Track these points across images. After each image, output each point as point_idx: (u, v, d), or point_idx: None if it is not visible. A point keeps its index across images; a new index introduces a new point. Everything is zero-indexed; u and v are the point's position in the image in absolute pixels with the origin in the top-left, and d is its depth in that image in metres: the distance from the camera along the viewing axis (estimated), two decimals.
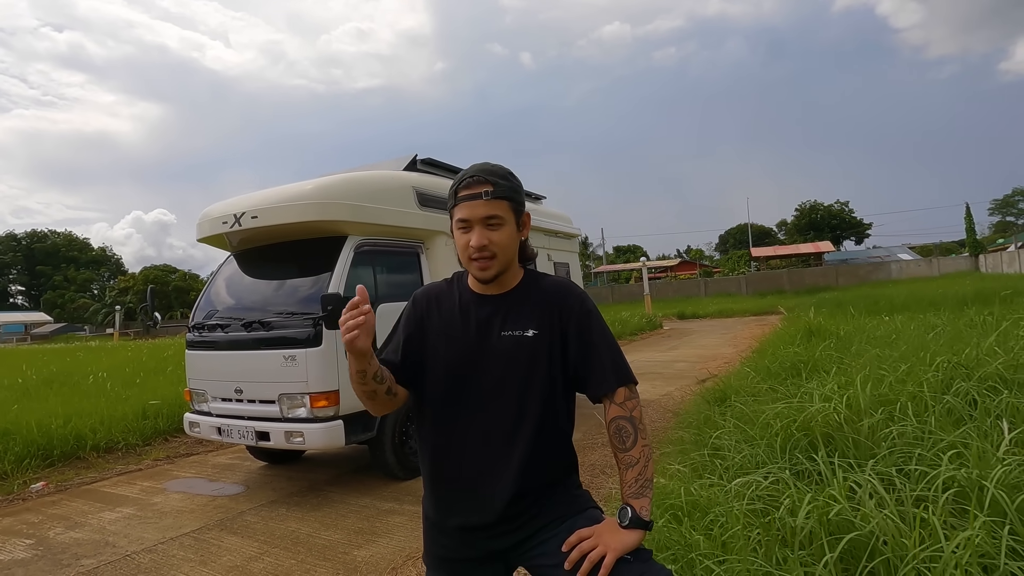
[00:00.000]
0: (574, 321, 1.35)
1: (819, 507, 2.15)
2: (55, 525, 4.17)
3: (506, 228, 1.31)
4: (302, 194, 4.45)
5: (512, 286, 1.38)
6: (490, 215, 1.29)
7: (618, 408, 1.31)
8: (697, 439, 4.03)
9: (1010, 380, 3.43)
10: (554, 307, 1.35)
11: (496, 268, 1.32)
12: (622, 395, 1.32)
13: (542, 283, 1.40)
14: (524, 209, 1.37)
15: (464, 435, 1.33)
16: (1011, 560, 1.72)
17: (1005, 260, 30.86)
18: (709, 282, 37.23)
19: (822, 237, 50.05)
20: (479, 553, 1.33)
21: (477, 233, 1.29)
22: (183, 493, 4.77)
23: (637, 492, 1.26)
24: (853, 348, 5.96)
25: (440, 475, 1.36)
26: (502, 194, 1.30)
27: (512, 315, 1.35)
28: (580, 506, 1.34)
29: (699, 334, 15.88)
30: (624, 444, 1.29)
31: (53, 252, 67.04)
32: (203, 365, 4.77)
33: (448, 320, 1.38)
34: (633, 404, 1.32)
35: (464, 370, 1.34)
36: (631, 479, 1.27)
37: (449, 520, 1.34)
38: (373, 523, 3.79)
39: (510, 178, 1.34)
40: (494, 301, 1.37)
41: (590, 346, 1.34)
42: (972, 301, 9.79)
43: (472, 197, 1.29)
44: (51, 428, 5.94)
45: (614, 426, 1.31)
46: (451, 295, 1.41)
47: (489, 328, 1.34)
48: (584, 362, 1.34)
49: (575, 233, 8.52)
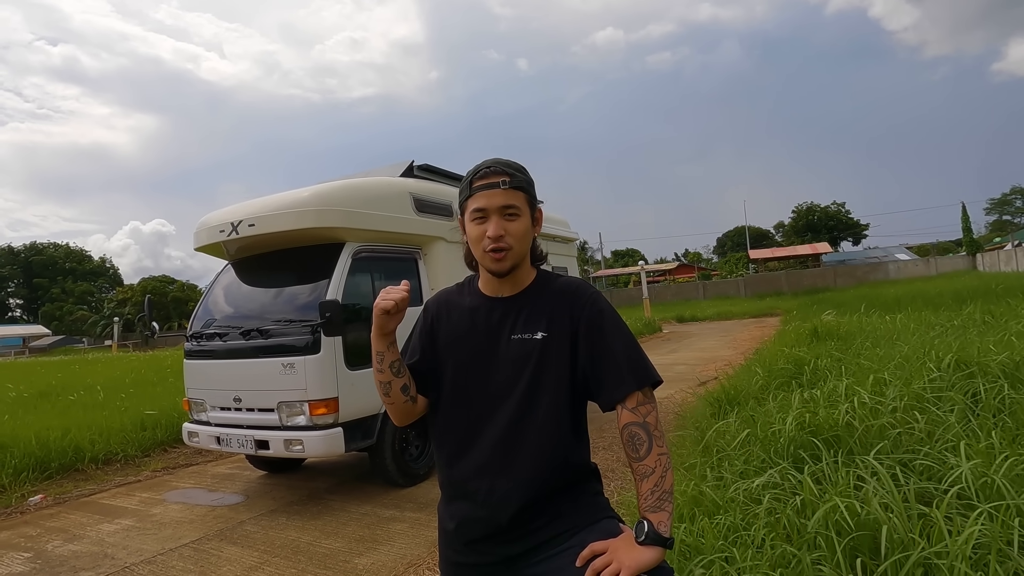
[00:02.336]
0: (584, 321, 1.29)
1: (826, 504, 2.13)
2: (53, 538, 4.13)
3: (522, 220, 1.29)
4: (299, 201, 4.44)
5: (523, 287, 1.35)
6: (508, 204, 1.27)
7: (630, 414, 1.23)
8: (701, 440, 4.01)
9: (1012, 376, 3.42)
10: (564, 308, 1.30)
11: (511, 260, 1.29)
12: (635, 400, 1.24)
13: (553, 284, 1.36)
14: (537, 204, 1.36)
15: (473, 440, 1.31)
16: (1022, 554, 1.70)
17: (1002, 258, 30.92)
18: (708, 285, 37.28)
19: (819, 238, 50.09)
20: (491, 559, 1.29)
21: (494, 223, 1.26)
22: (182, 504, 4.73)
23: (655, 505, 1.18)
24: (855, 348, 5.95)
25: (451, 479, 1.35)
26: (519, 185, 1.29)
27: (522, 318, 1.32)
28: (594, 516, 1.27)
29: (698, 337, 15.86)
30: (638, 453, 1.21)
31: (51, 264, 66.94)
32: (201, 374, 4.75)
33: (458, 324, 1.37)
34: (647, 409, 1.24)
35: (473, 374, 1.33)
36: (647, 491, 1.19)
37: (460, 524, 1.32)
38: (374, 531, 3.76)
39: (525, 172, 1.33)
40: (504, 303, 1.34)
41: (602, 347, 1.28)
42: (971, 299, 9.80)
43: (490, 186, 1.27)
44: (49, 440, 5.90)
45: (627, 433, 1.23)
46: (461, 300, 1.40)
47: (499, 331, 1.32)
48: (595, 364, 1.27)
49: (573, 237, 8.51)
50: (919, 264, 35.17)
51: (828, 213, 54.16)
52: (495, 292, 1.36)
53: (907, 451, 2.61)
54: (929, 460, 2.46)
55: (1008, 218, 56.59)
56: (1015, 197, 56.87)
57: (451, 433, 1.35)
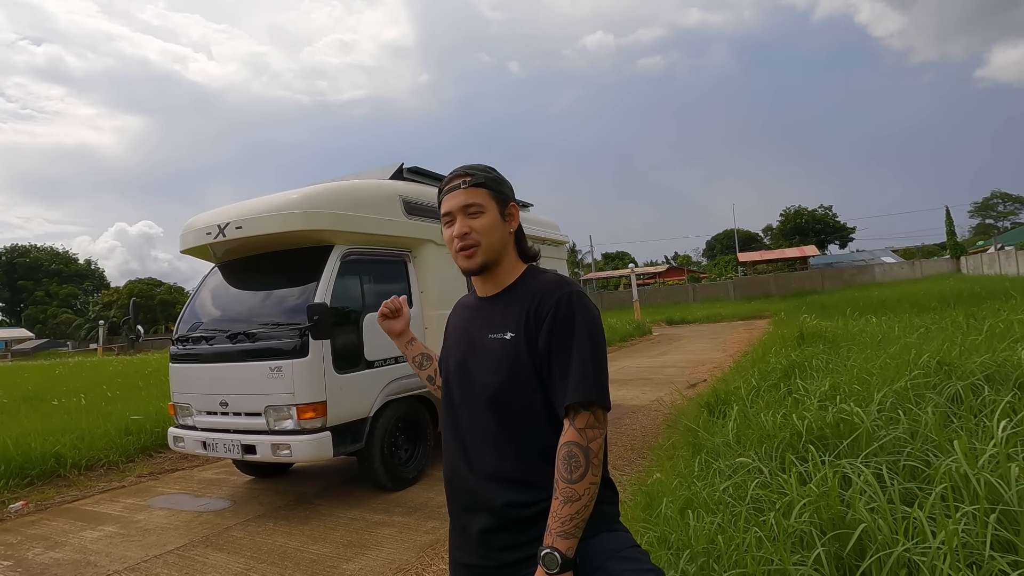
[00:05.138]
0: (547, 322, 1.23)
1: (812, 503, 2.15)
2: (34, 545, 4.06)
3: (487, 215, 1.30)
4: (287, 204, 4.41)
5: (505, 286, 1.35)
6: (469, 203, 1.29)
7: (576, 433, 1.16)
8: (690, 442, 4.03)
9: (992, 377, 3.48)
10: (532, 307, 1.26)
11: (481, 257, 1.30)
12: (584, 420, 1.17)
13: (532, 282, 1.32)
14: (510, 201, 1.36)
15: (462, 439, 1.33)
16: (997, 554, 1.72)
17: (985, 262, 31.45)
18: (697, 287, 37.51)
19: (807, 241, 50.61)
20: (491, 562, 1.28)
21: (459, 222, 1.30)
22: (167, 509, 4.66)
23: (570, 532, 1.13)
24: (842, 350, 6.02)
25: (450, 479, 1.38)
26: (480, 182, 1.31)
27: (498, 317, 1.32)
28: (591, 531, 1.20)
29: (688, 339, 15.95)
30: (571, 475, 1.14)
31: (35, 266, 65.90)
32: (187, 378, 4.69)
33: (456, 324, 1.43)
34: (594, 435, 1.16)
35: (460, 374, 1.35)
36: (567, 515, 1.13)
37: (464, 525, 1.33)
38: (362, 536, 3.73)
39: (489, 171, 1.35)
40: (489, 303, 1.35)
41: (560, 352, 1.21)
42: (954, 302, 9.96)
43: (452, 188, 1.32)
44: (30, 445, 5.80)
45: (565, 451, 1.16)
46: (466, 303, 1.46)
47: (480, 331, 1.33)
48: (550, 368, 1.22)
49: (563, 240, 8.53)
50: (904, 267, 35.64)
51: (816, 216, 54.78)
52: (482, 292, 1.38)
53: (891, 453, 2.64)
54: (913, 460, 2.49)
55: (991, 222, 57.60)
56: (996, 201, 57.91)
57: (445, 430, 1.39)
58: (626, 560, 1.17)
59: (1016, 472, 2.00)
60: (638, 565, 1.17)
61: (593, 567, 1.16)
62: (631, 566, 1.16)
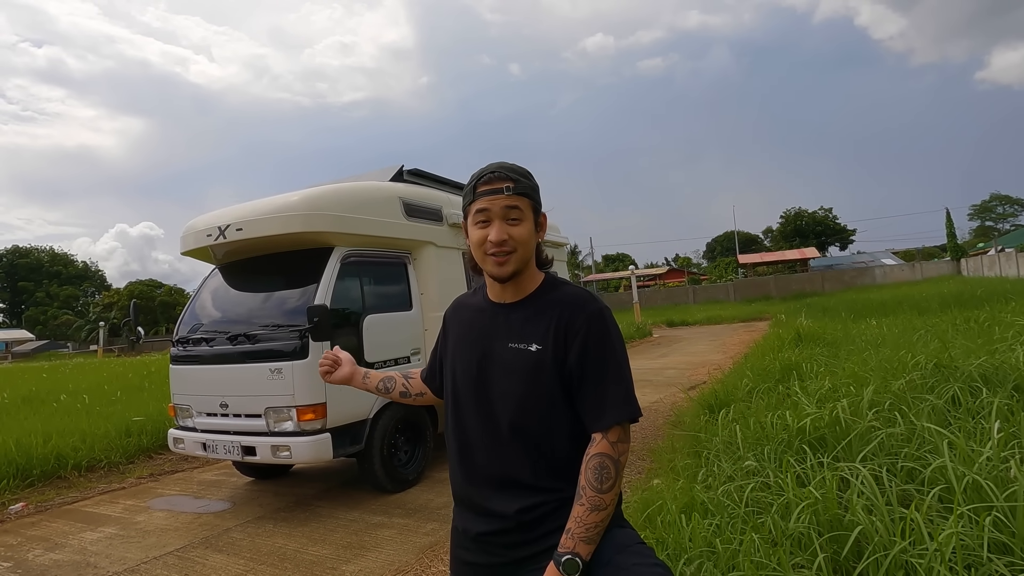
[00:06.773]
0: (579, 338, 1.25)
1: (811, 506, 2.15)
2: (34, 547, 4.06)
3: (526, 224, 1.28)
4: (287, 205, 4.43)
5: (526, 294, 1.34)
6: (511, 206, 1.26)
7: (609, 446, 1.22)
8: (690, 444, 4.04)
9: (990, 379, 3.48)
10: (561, 322, 1.27)
11: (513, 265, 1.28)
12: (616, 434, 1.23)
13: (556, 293, 1.32)
14: (541, 209, 1.35)
15: (471, 442, 1.34)
16: (994, 555, 1.73)
17: (986, 264, 31.43)
18: (697, 289, 37.49)
19: (807, 243, 50.60)
20: (493, 560, 1.30)
21: (497, 227, 1.26)
22: (167, 511, 4.67)
23: (592, 538, 1.19)
24: (841, 352, 6.02)
25: (454, 479, 1.39)
26: (523, 190, 1.28)
27: (521, 327, 1.31)
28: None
29: (688, 341, 15.95)
30: (601, 486, 1.20)
31: (36, 268, 65.96)
32: (188, 380, 4.70)
33: (464, 328, 1.41)
34: (624, 448, 1.24)
35: (471, 378, 1.34)
36: (592, 522, 1.18)
37: (468, 524, 1.34)
38: (362, 537, 3.73)
39: (530, 177, 1.32)
40: (507, 310, 1.34)
41: (595, 371, 1.25)
42: (954, 304, 9.96)
43: (493, 192, 1.26)
44: (31, 447, 5.81)
45: (597, 461, 1.21)
46: (471, 303, 1.43)
47: (497, 338, 1.33)
48: (583, 386, 1.25)
49: (563, 242, 8.55)
50: (905, 269, 35.62)
51: (816, 218, 54.78)
52: (498, 298, 1.36)
53: (889, 455, 2.64)
54: (910, 462, 2.49)
55: (991, 224, 57.59)
56: (996, 203, 57.91)
57: (453, 433, 1.38)
58: (634, 554, 1.21)
59: (1012, 473, 2.00)
60: (646, 559, 1.21)
61: (603, 561, 1.20)
62: (639, 560, 1.20)
